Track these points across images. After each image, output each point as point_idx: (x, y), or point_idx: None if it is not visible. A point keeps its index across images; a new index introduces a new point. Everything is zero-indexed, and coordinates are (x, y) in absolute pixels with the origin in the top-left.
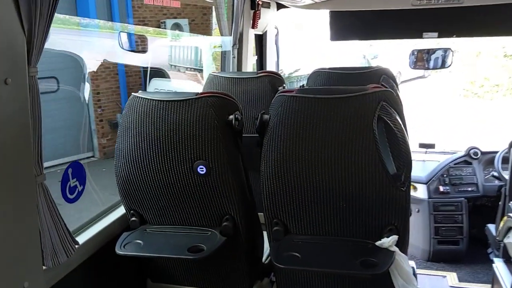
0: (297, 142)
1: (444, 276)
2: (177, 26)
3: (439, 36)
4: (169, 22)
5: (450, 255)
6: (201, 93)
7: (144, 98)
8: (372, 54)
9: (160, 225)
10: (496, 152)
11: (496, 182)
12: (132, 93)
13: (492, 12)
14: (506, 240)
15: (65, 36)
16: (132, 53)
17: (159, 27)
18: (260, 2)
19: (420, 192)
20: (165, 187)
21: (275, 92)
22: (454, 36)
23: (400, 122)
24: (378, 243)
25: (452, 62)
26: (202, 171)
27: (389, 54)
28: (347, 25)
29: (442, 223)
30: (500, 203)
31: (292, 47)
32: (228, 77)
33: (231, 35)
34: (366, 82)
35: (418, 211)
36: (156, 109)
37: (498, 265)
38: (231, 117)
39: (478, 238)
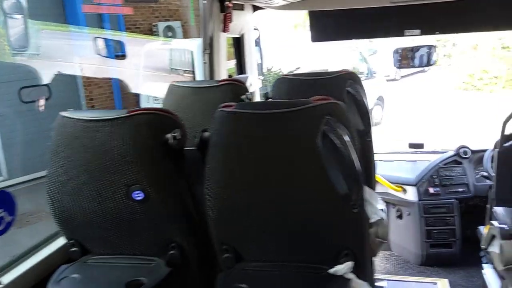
0: (240, 162)
1: (435, 283)
2: (169, 29)
3: (421, 33)
4: (161, 25)
5: (443, 259)
6: (133, 110)
7: (71, 118)
8: (370, 50)
9: (103, 255)
10: (486, 151)
11: (488, 182)
12: (59, 113)
13: (473, 8)
14: (490, 249)
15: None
16: (111, 60)
17: (151, 30)
18: (231, 5)
19: (409, 194)
20: (102, 215)
21: (237, 101)
22: (437, 32)
23: (347, 139)
24: (331, 270)
25: (437, 58)
26: (139, 196)
27: (389, 49)
28: (327, 25)
29: (433, 226)
30: (487, 206)
31: (293, 46)
32: (187, 87)
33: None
34: (331, 88)
35: (409, 214)
36: (85, 129)
37: (487, 271)
38: (168, 135)
39: (472, 239)
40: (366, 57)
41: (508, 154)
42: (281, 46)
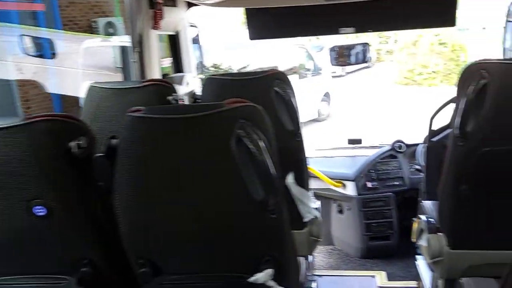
0: (150, 171)
1: (373, 276)
2: (110, 25)
3: (355, 31)
4: (101, 21)
5: (382, 251)
6: (32, 117)
7: None
8: (317, 47)
9: (8, 275)
10: (419, 145)
11: (421, 175)
12: None
13: (405, 6)
14: (419, 242)
15: None
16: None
17: (90, 27)
18: (161, 0)
19: (349, 189)
20: (1, 234)
21: (163, 103)
22: (370, 30)
23: (262, 144)
24: (251, 279)
25: (370, 56)
26: (41, 212)
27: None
28: (265, 23)
29: (372, 219)
30: (419, 198)
31: (245, 43)
32: (108, 88)
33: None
34: (259, 89)
35: (349, 208)
36: None
37: (420, 262)
38: (72, 144)
39: (408, 231)
40: (313, 54)
41: (435, 149)
42: (234, 43)
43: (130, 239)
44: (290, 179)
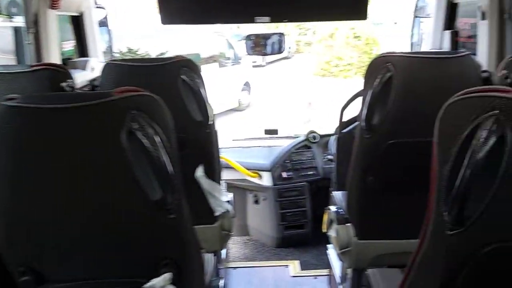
0: (28, 168)
1: (287, 266)
2: (14, 4)
3: (271, 21)
4: None
5: (297, 240)
6: None
7: None
8: (238, 36)
9: None
10: (332, 135)
11: (333, 165)
12: None
13: None
14: (329, 232)
15: None
16: None
17: None
18: None
19: (265, 179)
20: None
21: (56, 90)
22: (285, 20)
23: (158, 138)
24: (147, 285)
25: (285, 46)
26: None
27: None
28: (177, 8)
29: (287, 208)
30: (330, 188)
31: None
32: None
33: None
34: (164, 76)
35: (265, 199)
36: None
37: (331, 252)
38: None
39: (321, 219)
40: (233, 43)
41: (345, 140)
42: (157, 29)
43: (7, 245)
44: (199, 172)
